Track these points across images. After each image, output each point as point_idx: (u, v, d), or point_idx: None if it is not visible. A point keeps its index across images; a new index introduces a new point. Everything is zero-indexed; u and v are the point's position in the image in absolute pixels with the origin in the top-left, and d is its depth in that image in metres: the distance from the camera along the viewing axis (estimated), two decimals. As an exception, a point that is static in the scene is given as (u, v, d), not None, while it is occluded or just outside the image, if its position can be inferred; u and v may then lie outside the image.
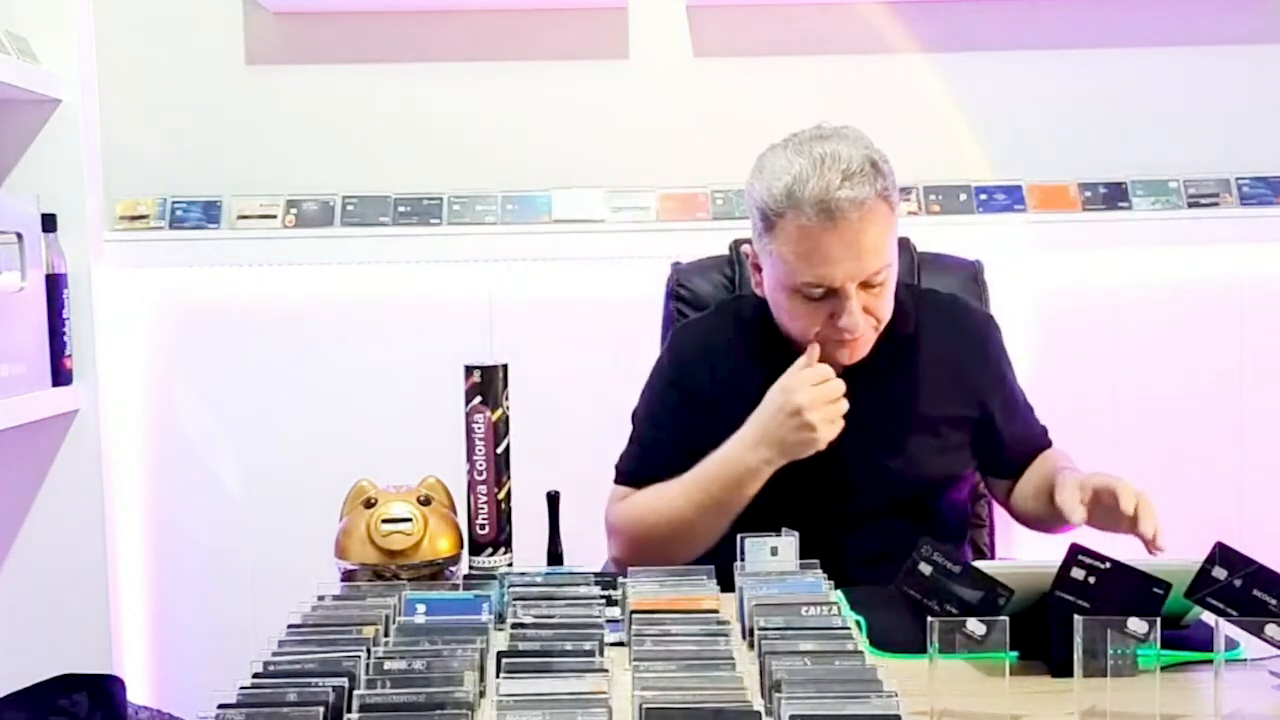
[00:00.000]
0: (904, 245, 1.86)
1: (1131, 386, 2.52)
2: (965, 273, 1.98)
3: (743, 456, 1.62)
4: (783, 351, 1.71)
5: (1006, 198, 2.47)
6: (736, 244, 2.03)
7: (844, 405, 1.60)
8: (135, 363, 2.47)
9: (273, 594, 2.42)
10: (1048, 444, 1.83)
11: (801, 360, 1.63)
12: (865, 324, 1.64)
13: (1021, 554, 2.20)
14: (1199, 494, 2.41)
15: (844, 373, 1.71)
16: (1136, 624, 1.13)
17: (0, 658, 2.10)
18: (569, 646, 1.18)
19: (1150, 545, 1.47)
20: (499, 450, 1.54)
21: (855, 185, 1.57)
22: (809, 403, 1.58)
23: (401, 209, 2.46)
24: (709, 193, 2.47)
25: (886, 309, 1.67)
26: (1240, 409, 2.53)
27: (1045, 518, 1.70)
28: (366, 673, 1.11)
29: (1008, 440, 1.79)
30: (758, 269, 1.73)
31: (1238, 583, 1.19)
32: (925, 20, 2.49)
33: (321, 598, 1.36)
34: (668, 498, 1.68)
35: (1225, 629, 1.13)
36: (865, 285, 1.63)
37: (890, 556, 1.37)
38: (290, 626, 1.26)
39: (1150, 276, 2.52)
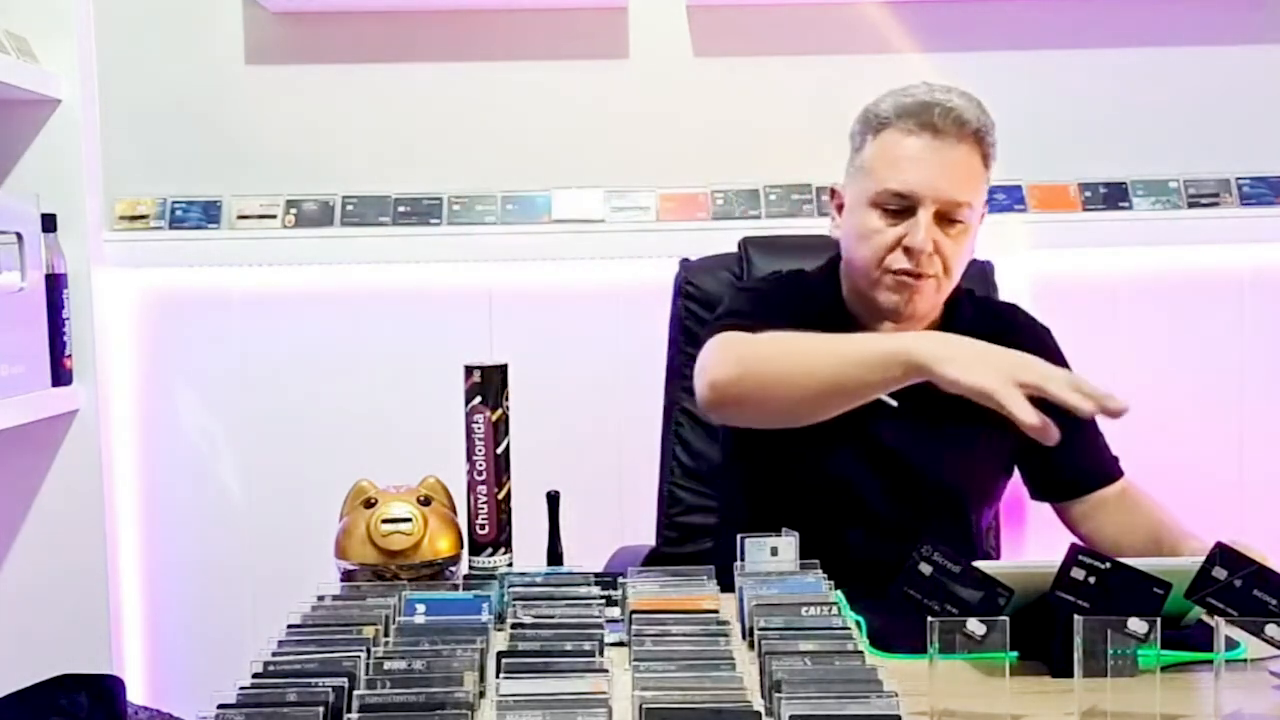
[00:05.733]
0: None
1: (1132, 386, 2.48)
2: (974, 273, 1.97)
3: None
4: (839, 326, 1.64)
5: (1006, 198, 2.47)
6: (745, 242, 2.03)
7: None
8: (135, 363, 2.48)
9: (273, 594, 2.42)
10: (1115, 473, 1.72)
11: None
12: (934, 263, 1.60)
13: (1021, 554, 2.21)
14: (1200, 494, 2.40)
15: None
16: (1136, 624, 1.12)
17: (0, 658, 2.10)
18: (569, 646, 1.18)
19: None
20: (499, 450, 1.54)
21: (961, 109, 1.61)
22: (1049, 373, 1.37)
23: (401, 209, 2.45)
24: (709, 193, 2.47)
25: (957, 263, 1.62)
26: (1241, 409, 2.53)
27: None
28: (366, 673, 1.11)
29: (1052, 461, 1.68)
30: (840, 209, 1.71)
31: (1238, 583, 1.19)
32: (925, 20, 2.49)
33: (321, 598, 1.36)
34: (800, 348, 1.53)
35: (1225, 629, 1.13)
36: (942, 220, 1.60)
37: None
38: (290, 626, 1.26)
39: (1151, 276, 2.52)
